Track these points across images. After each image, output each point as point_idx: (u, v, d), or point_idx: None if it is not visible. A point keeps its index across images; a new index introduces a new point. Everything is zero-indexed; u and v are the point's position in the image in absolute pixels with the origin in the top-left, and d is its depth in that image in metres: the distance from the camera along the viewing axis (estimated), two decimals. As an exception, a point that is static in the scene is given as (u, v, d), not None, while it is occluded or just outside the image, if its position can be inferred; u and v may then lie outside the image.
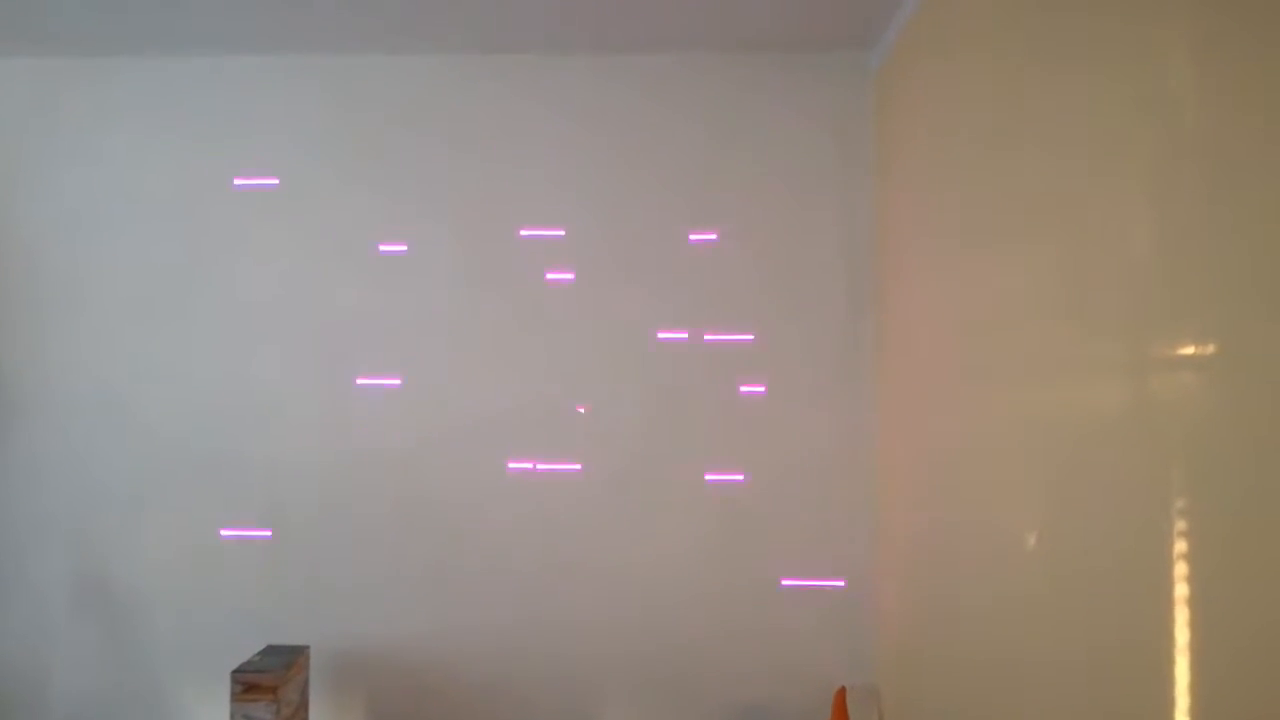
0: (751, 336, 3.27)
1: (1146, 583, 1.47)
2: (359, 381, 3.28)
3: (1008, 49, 2.14)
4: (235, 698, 2.81)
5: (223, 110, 3.35)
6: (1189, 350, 1.39)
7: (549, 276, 3.29)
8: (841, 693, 3.07)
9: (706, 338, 3.27)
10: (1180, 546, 1.38)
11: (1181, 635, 1.38)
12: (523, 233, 3.30)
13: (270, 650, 3.05)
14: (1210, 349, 1.33)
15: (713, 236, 3.28)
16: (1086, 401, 1.74)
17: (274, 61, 3.33)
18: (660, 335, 3.27)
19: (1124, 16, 1.59)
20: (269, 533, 3.27)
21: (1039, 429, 1.94)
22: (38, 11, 3.00)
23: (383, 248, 3.30)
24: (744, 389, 3.26)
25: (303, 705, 3.03)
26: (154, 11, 3.00)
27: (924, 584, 2.73)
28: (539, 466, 3.25)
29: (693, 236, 3.28)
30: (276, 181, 3.31)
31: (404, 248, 3.30)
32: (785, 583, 3.22)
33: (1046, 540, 1.91)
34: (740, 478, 3.24)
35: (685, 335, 3.27)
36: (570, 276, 3.29)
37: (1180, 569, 1.38)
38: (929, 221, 2.72)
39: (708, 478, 3.25)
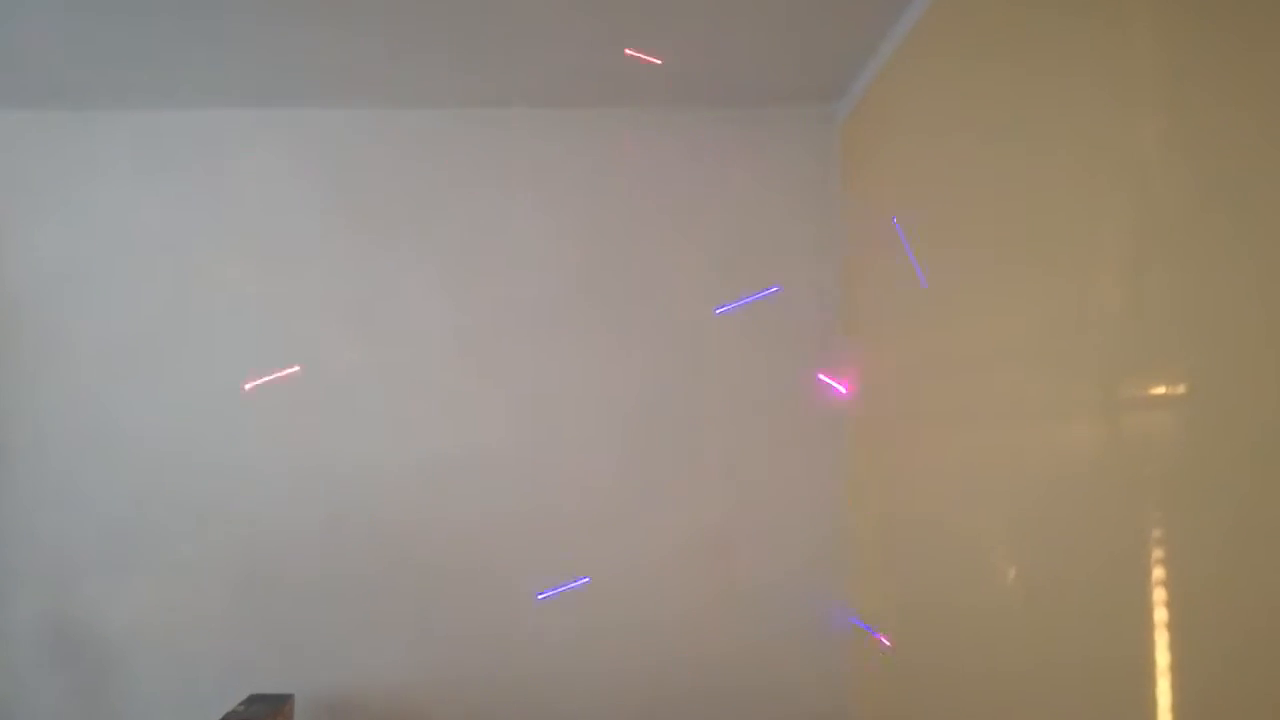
0: (722, 388, 3.36)
1: (1125, 615, 1.56)
2: (344, 430, 3.30)
3: (975, 99, 2.26)
4: (221, 748, 2.79)
5: (209, 162, 3.38)
6: (1160, 391, 1.49)
7: (531, 321, 3.36)
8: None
9: (677, 389, 3.35)
10: (1158, 573, 1.48)
11: (1162, 657, 1.47)
12: (501, 288, 3.37)
13: (254, 699, 3.03)
14: (1181, 389, 1.44)
15: (677, 291, 3.38)
16: (1061, 442, 1.83)
17: (260, 115, 3.38)
18: (630, 385, 3.35)
19: (1095, 66, 1.71)
20: (253, 581, 3.25)
21: (1014, 470, 2.04)
22: (24, 65, 3.03)
23: (371, 299, 3.35)
24: (715, 437, 3.34)
25: (287, 754, 3.01)
26: (140, 65, 3.04)
27: (906, 624, 2.81)
28: (521, 506, 3.30)
29: (661, 287, 3.37)
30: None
31: (393, 297, 3.35)
32: (762, 633, 3.28)
33: (1025, 578, 1.99)
34: (718, 525, 3.31)
35: (656, 387, 3.35)
36: (548, 318, 3.37)
37: (1159, 595, 1.48)
38: (898, 269, 2.83)
39: (685, 523, 3.31)
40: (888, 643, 2.87)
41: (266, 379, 3.29)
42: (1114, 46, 1.64)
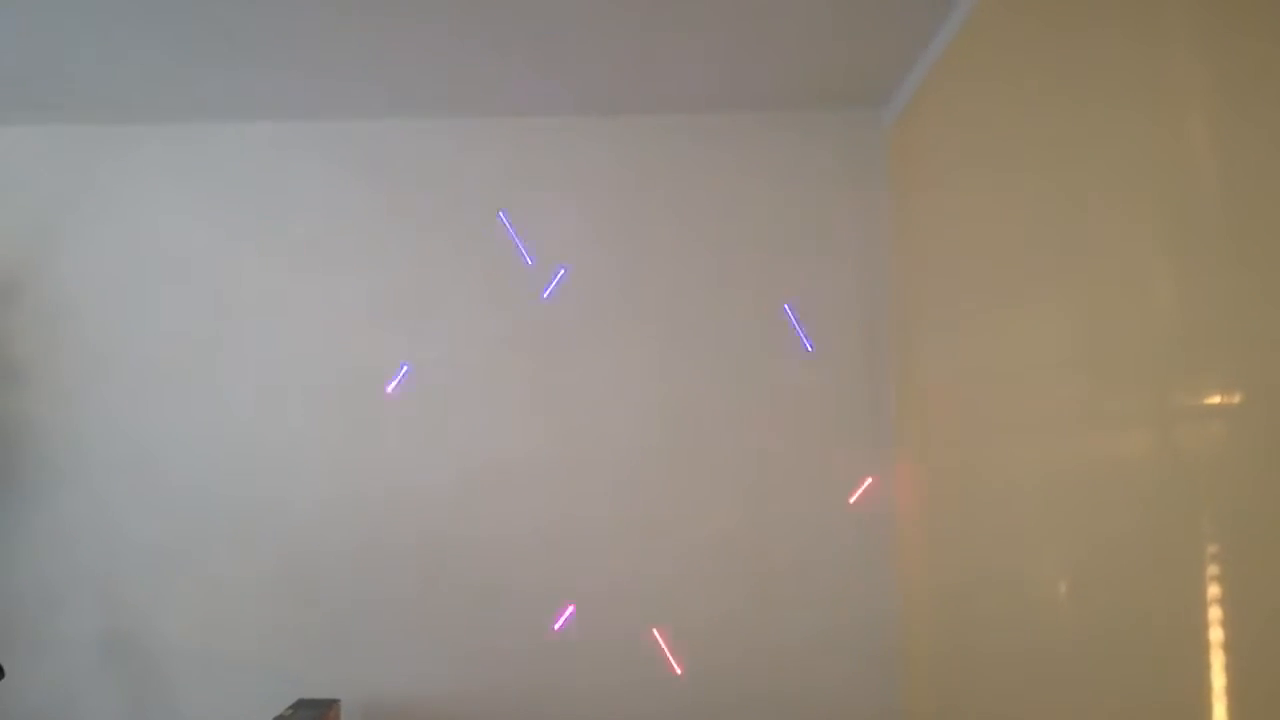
0: (768, 393, 3.32)
1: (1180, 628, 1.49)
2: (383, 442, 3.34)
3: (1023, 101, 2.21)
4: (267, 752, 2.82)
5: (249, 175, 3.45)
6: (1215, 399, 1.43)
7: (571, 331, 3.36)
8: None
9: (723, 391, 3.32)
10: (1213, 591, 1.42)
11: (1218, 679, 1.40)
12: (544, 292, 3.37)
13: (301, 704, 3.07)
14: (1236, 398, 1.38)
15: (725, 296, 3.35)
16: (1114, 451, 1.77)
17: (299, 127, 3.44)
18: (676, 388, 3.33)
19: (1141, 66, 1.66)
20: (296, 590, 3.29)
21: (1065, 479, 1.98)
22: (68, 81, 3.12)
23: (410, 311, 3.38)
24: (761, 444, 3.30)
25: (333, 760, 3.04)
26: (180, 79, 3.11)
27: (952, 635, 2.75)
28: (566, 519, 3.30)
29: (707, 294, 3.35)
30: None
31: (431, 308, 3.38)
32: (806, 637, 3.23)
33: (1077, 590, 1.93)
34: (759, 531, 3.27)
35: (701, 388, 3.32)
36: (589, 329, 3.36)
37: (1214, 613, 1.41)
38: (948, 274, 2.77)
39: (727, 529, 3.27)
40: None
41: (395, 384, 3.34)
42: (1158, 50, 1.58)
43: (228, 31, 2.79)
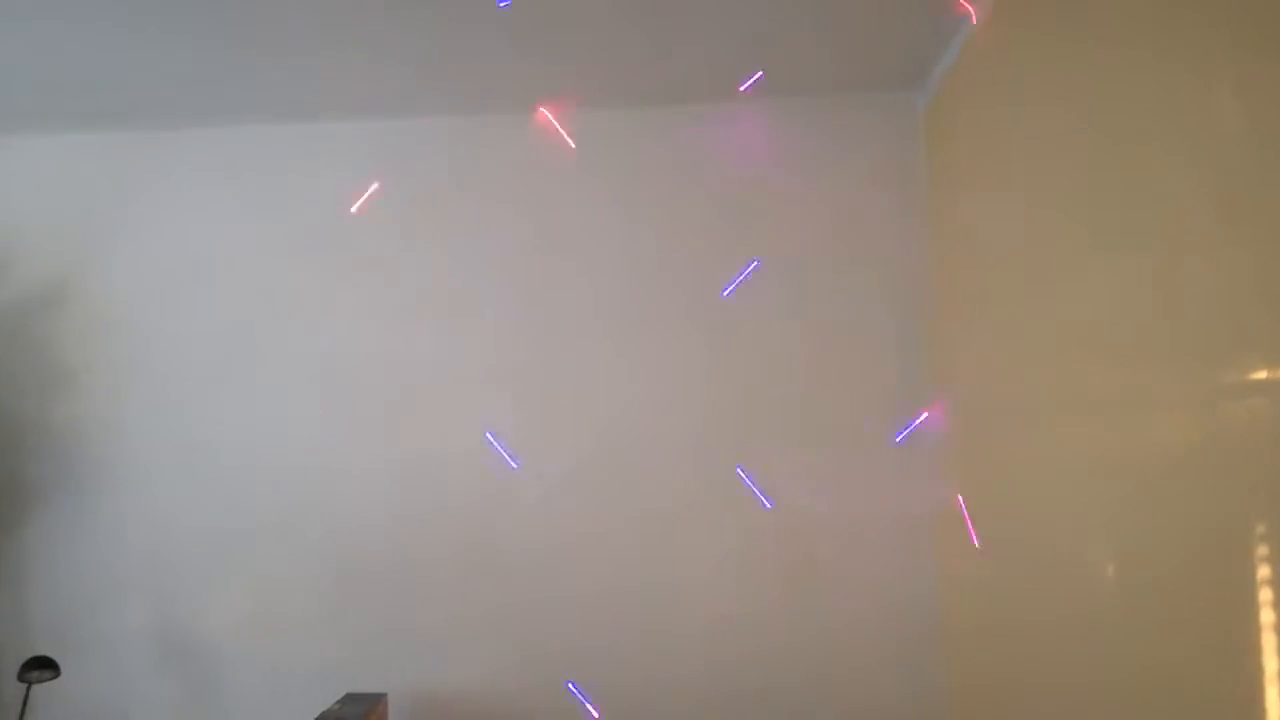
0: (801, 381, 3.29)
1: (1230, 610, 1.46)
2: (426, 436, 3.37)
3: (1059, 80, 2.17)
4: (317, 745, 2.87)
5: (286, 176, 3.50)
6: (1260, 375, 1.39)
7: (602, 322, 3.38)
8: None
9: (755, 381, 3.30)
10: (1264, 572, 1.38)
11: (1270, 662, 1.37)
12: (577, 289, 3.39)
13: (349, 698, 3.11)
14: (1282, 374, 1.34)
15: (760, 279, 3.32)
16: (1159, 431, 1.74)
17: (334, 128, 3.48)
18: (713, 383, 3.32)
19: (1180, 48, 1.62)
20: (344, 585, 3.34)
21: (1110, 461, 1.94)
22: (107, 89, 3.19)
23: (447, 303, 3.41)
24: (796, 435, 3.28)
25: (381, 753, 3.08)
26: (217, 84, 3.17)
27: (992, 620, 2.71)
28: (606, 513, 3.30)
29: (741, 279, 3.33)
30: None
31: (469, 301, 3.41)
32: (848, 627, 3.21)
33: (1123, 572, 1.90)
34: (798, 523, 3.24)
35: (736, 381, 3.31)
36: (623, 322, 3.37)
37: (1265, 595, 1.38)
38: (987, 257, 2.73)
39: (766, 525, 3.26)
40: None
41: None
42: (1200, 22, 1.54)
43: (259, 35, 2.84)
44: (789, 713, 3.21)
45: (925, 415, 3.20)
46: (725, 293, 3.30)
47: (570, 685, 3.22)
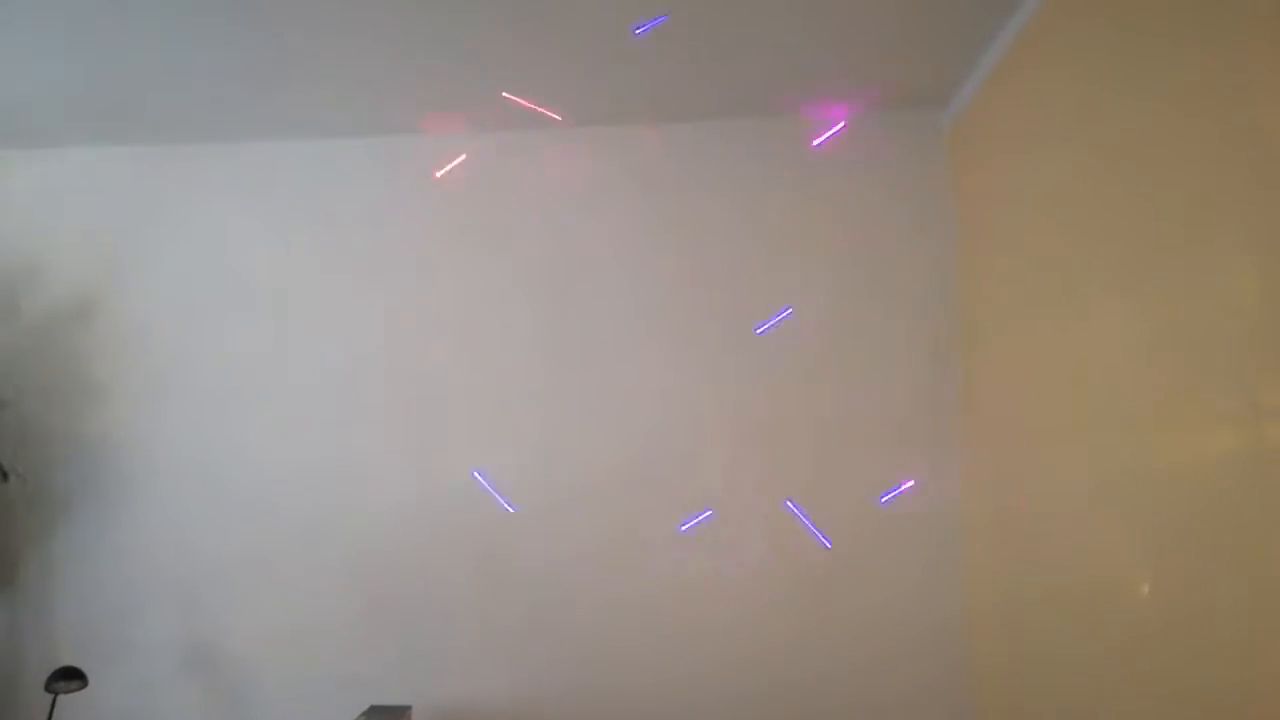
0: (830, 397, 3.30)
1: (1270, 632, 1.46)
2: (450, 450, 3.39)
3: (1089, 102, 2.19)
4: (343, 758, 2.87)
5: (312, 192, 3.53)
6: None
7: (626, 344, 3.39)
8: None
9: (783, 400, 3.31)
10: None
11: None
12: (599, 305, 3.41)
13: (374, 710, 3.12)
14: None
15: (788, 299, 3.34)
16: (1195, 450, 1.74)
17: (360, 144, 3.51)
18: (737, 400, 3.32)
19: (1215, 61, 1.63)
20: (368, 597, 3.35)
21: (1146, 480, 1.94)
22: (137, 103, 3.23)
23: (474, 319, 3.43)
24: (822, 447, 3.29)
25: (405, 765, 3.08)
26: (244, 100, 3.21)
27: (1022, 642, 2.70)
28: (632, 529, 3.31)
29: (768, 297, 3.34)
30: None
31: (493, 322, 3.43)
32: (873, 645, 3.20)
33: (1160, 593, 1.89)
34: (826, 542, 3.25)
35: (763, 397, 3.32)
36: (645, 335, 3.39)
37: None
38: (1019, 274, 2.74)
39: (790, 540, 3.26)
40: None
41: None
42: (1230, 49, 1.56)
43: (289, 53, 2.87)
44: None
45: (951, 446, 3.21)
46: (759, 330, 3.32)
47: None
